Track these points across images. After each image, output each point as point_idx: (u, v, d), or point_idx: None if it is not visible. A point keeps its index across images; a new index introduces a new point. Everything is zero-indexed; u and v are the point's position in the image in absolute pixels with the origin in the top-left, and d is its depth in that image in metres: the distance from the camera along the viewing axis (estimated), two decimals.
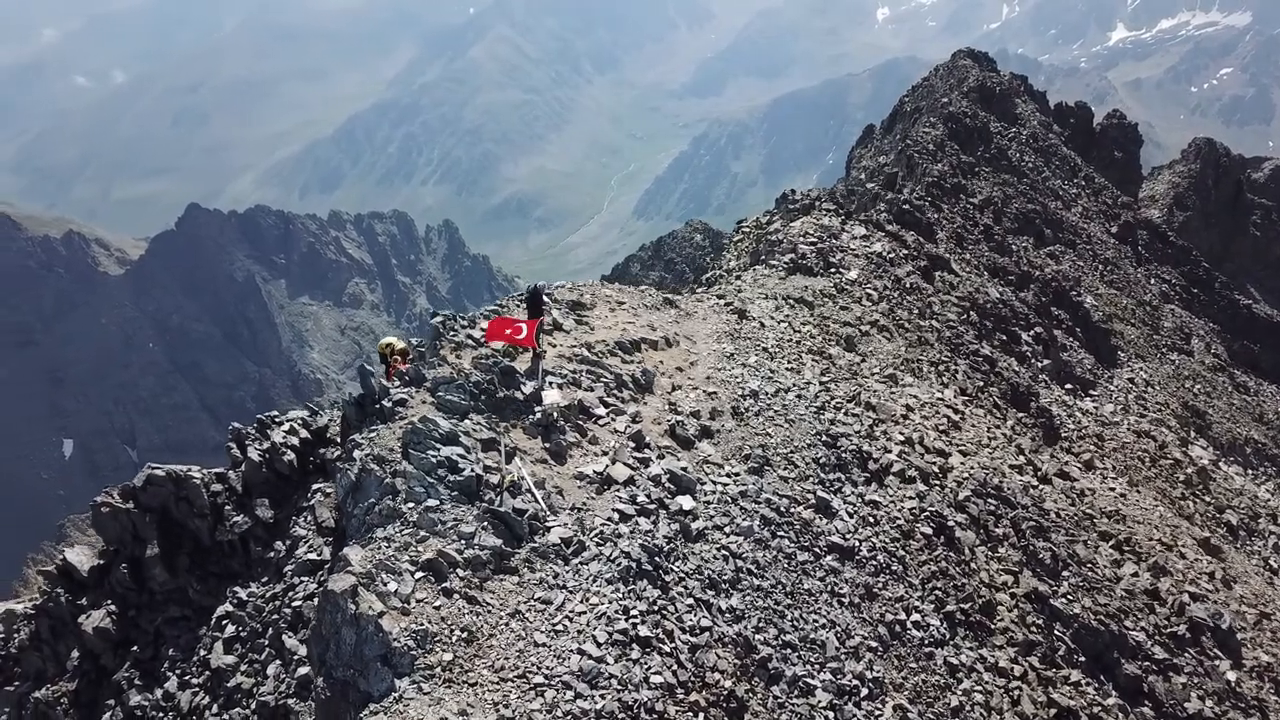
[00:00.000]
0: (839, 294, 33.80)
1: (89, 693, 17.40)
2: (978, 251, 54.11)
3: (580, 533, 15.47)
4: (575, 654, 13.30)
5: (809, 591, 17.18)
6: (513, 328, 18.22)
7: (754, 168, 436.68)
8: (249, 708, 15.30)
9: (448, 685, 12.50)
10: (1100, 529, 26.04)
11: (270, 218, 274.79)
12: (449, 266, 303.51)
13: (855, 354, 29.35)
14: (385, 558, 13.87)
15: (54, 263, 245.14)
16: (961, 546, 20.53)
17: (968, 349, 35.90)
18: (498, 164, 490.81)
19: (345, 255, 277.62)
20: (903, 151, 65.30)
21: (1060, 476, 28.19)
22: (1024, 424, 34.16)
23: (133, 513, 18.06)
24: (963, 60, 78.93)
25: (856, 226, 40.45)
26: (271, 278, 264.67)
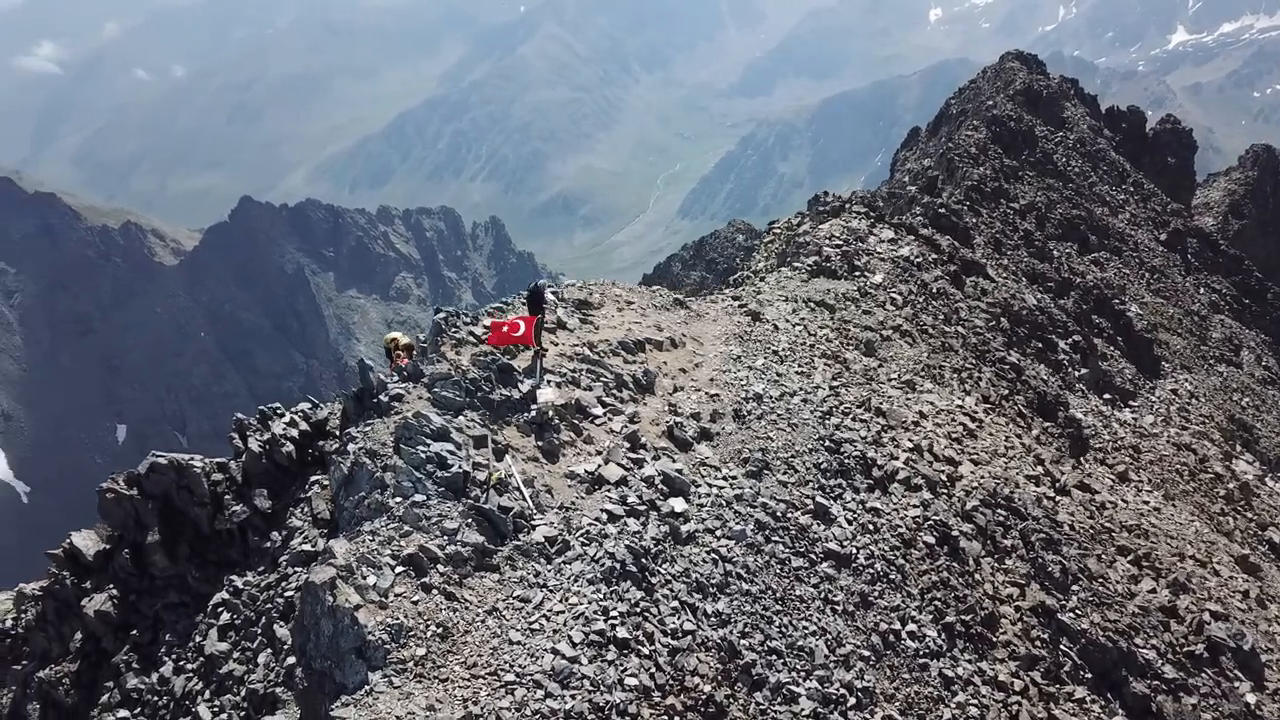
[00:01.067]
0: (862, 298, 33.43)
1: (89, 674, 17.81)
2: (1016, 257, 53.23)
3: (566, 532, 15.47)
4: (549, 653, 13.30)
5: (801, 598, 17.00)
6: (510, 325, 18.29)
7: (801, 169, 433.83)
8: (239, 695, 15.55)
9: (419, 680, 12.58)
10: (1118, 543, 25.47)
11: (320, 211, 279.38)
12: (495, 263, 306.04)
13: (874, 359, 29.02)
14: (367, 551, 14.00)
15: (112, 252, 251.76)
16: (966, 557, 20.19)
17: (994, 356, 35.30)
18: (545, 162, 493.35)
19: (393, 250, 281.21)
20: (943, 155, 64.44)
21: (1080, 488, 27.60)
22: (1050, 434, 33.50)
23: (136, 499, 18.45)
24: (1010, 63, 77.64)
25: (885, 230, 39.97)
26: (320, 270, 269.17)
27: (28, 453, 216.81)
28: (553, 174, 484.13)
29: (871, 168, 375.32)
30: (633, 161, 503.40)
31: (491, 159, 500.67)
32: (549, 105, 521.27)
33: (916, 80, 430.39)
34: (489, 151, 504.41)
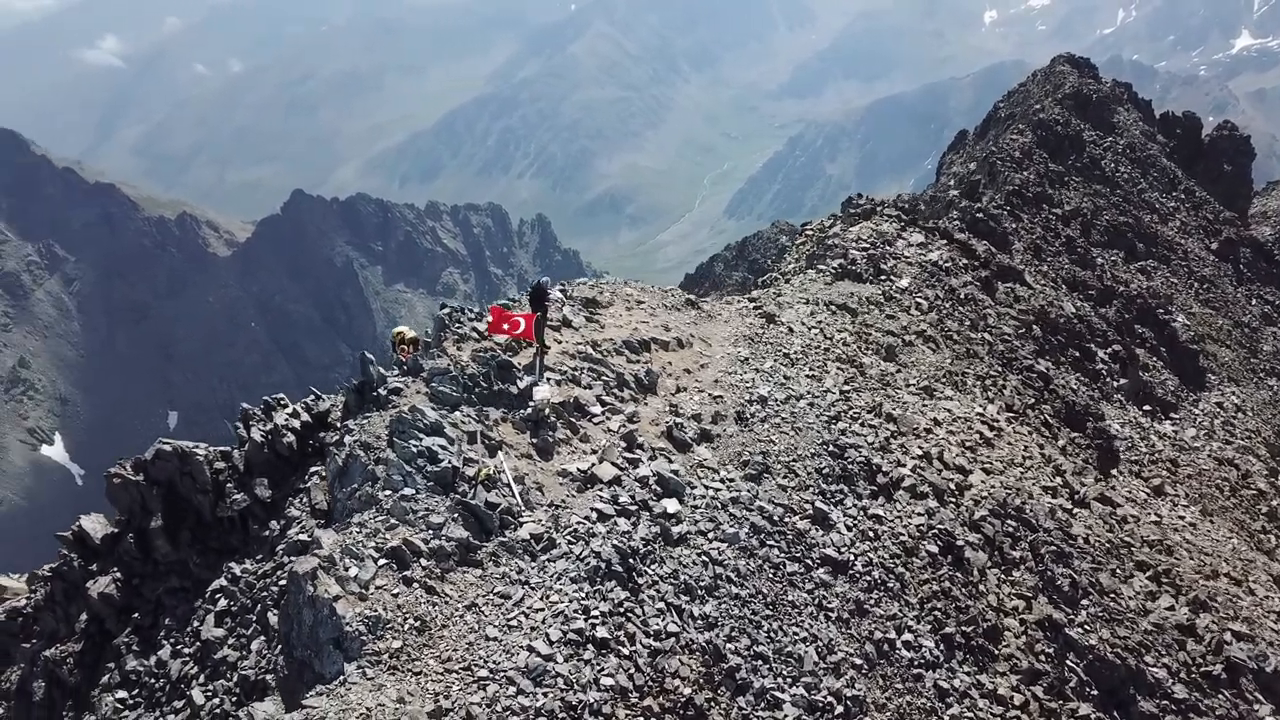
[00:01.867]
0: (887, 302, 33.04)
1: (93, 654, 18.23)
2: (1057, 264, 52.28)
3: (553, 530, 15.48)
4: (524, 650, 13.32)
5: (793, 604, 16.83)
6: (511, 321, 18.34)
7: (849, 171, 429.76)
8: (231, 680, 15.76)
9: (392, 672, 12.66)
10: (1137, 558, 24.88)
11: (370, 206, 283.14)
12: (540, 260, 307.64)
13: (893, 364, 28.66)
14: (352, 543, 14.13)
15: (168, 242, 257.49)
16: (970, 568, 19.84)
17: (1022, 364, 34.67)
18: (592, 160, 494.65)
19: (441, 245, 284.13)
20: (986, 159, 63.50)
21: (1101, 501, 27.00)
22: (1077, 445, 32.82)
23: (141, 485, 18.83)
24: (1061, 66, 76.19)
25: (915, 234, 39.46)
26: (369, 264, 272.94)
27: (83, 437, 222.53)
28: (600, 172, 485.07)
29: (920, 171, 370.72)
30: (680, 161, 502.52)
31: (540, 156, 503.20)
32: (598, 103, 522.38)
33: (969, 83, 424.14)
34: (537, 149, 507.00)
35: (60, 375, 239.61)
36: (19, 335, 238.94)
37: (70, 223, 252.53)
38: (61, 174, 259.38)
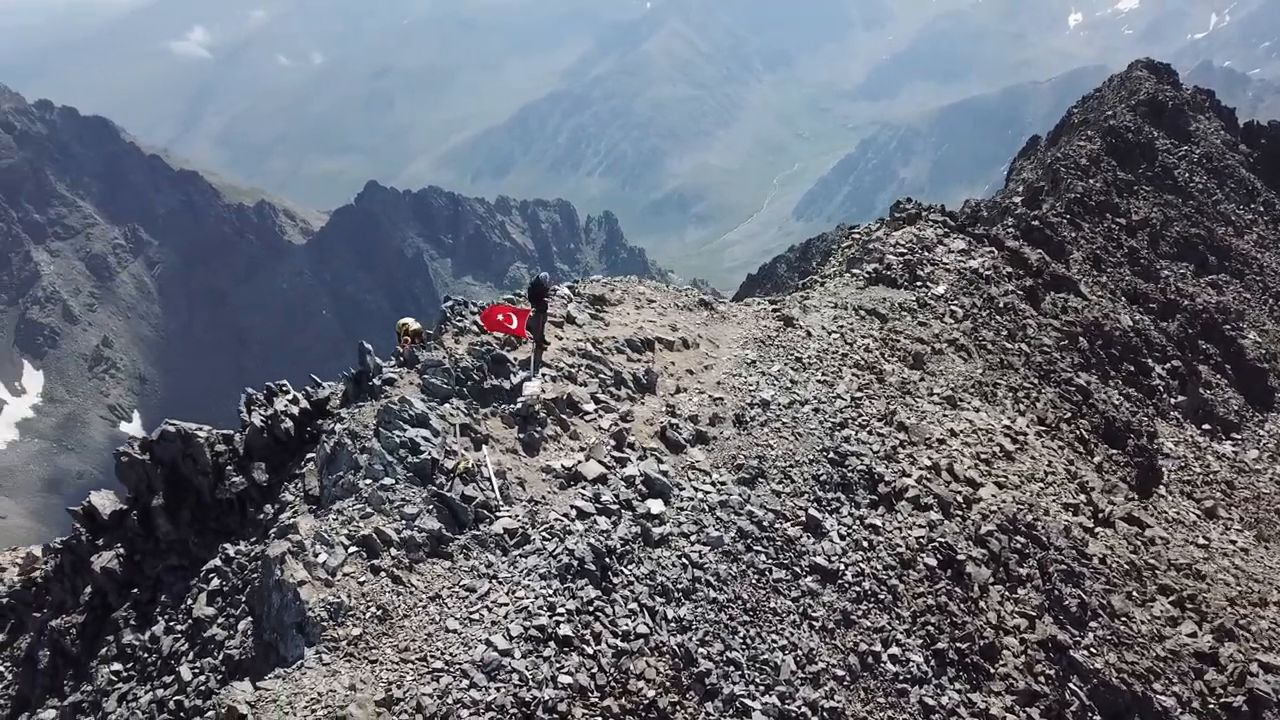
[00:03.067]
0: (920, 309, 32.42)
1: (95, 627, 18.86)
2: (1117, 275, 50.81)
3: (529, 526, 15.52)
4: (482, 644, 13.37)
5: (775, 611, 16.61)
6: (505, 315, 18.43)
7: (921, 175, 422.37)
8: (218, 658, 16.17)
9: (348, 659, 12.83)
10: (1161, 582, 24.00)
11: (441, 199, 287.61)
12: (606, 257, 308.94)
13: (919, 372, 28.12)
14: (326, 529, 14.35)
15: (246, 229, 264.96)
16: (971, 583, 19.36)
17: (1060, 376, 33.72)
18: (662, 158, 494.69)
19: (509, 239, 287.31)
20: (1050, 165, 62.01)
21: (1128, 521, 26.11)
22: (1115, 462, 31.82)
23: (147, 464, 19.44)
24: (1138, 71, 73.86)
25: (957, 241, 38.66)
26: (439, 256, 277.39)
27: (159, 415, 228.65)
28: (669, 170, 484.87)
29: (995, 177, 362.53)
30: (750, 160, 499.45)
31: (610, 154, 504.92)
32: (669, 102, 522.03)
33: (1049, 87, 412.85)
34: (608, 146, 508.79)
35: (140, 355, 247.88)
36: (104, 315, 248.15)
37: (155, 208, 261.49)
38: (148, 161, 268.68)
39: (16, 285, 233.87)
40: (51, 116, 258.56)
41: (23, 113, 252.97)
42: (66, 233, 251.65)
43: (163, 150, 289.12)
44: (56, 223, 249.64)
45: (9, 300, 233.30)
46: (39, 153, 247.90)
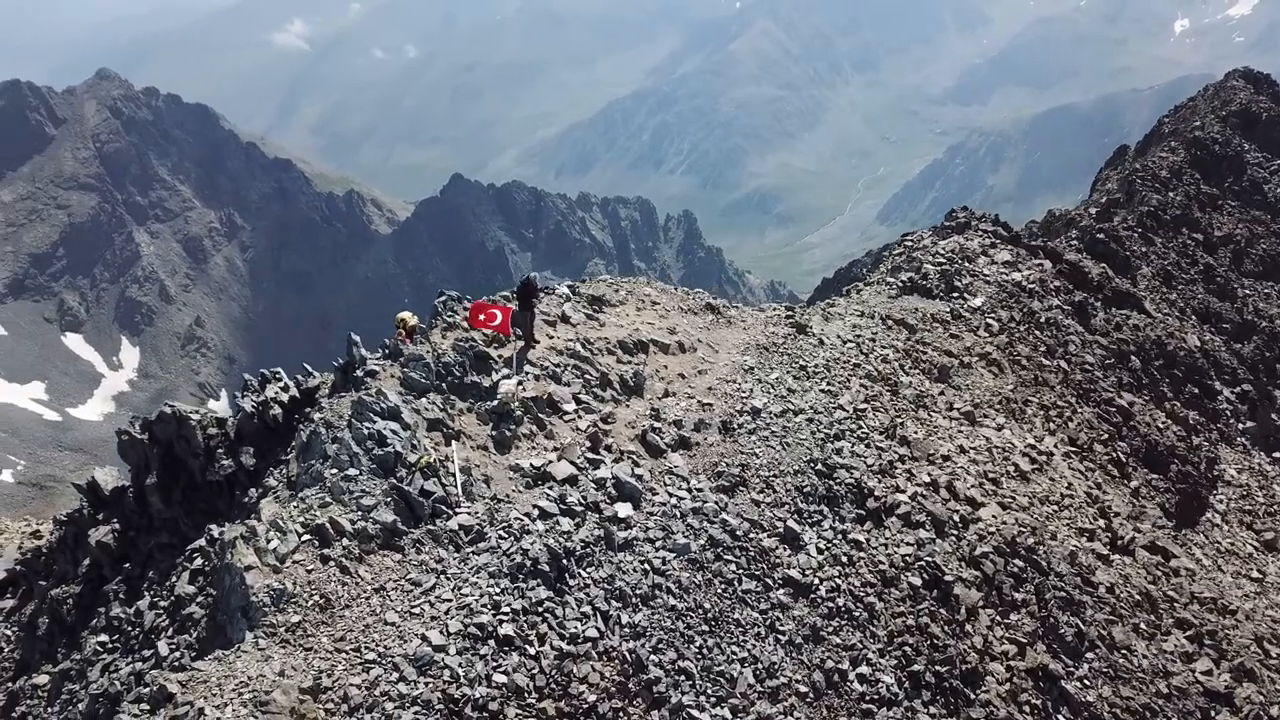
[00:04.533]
0: (953, 320, 31.59)
1: (89, 598, 19.60)
2: (1188, 293, 48.92)
3: (487, 524, 15.56)
4: (418, 638, 13.46)
5: (739, 622, 16.35)
6: (487, 313, 18.52)
7: (1010, 182, 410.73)
8: (193, 636, 16.62)
9: (284, 645, 13.04)
10: (1179, 615, 22.93)
11: (524, 193, 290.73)
12: (683, 256, 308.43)
13: (941, 385, 27.41)
14: (284, 516, 14.62)
15: (334, 217, 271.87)
16: (958, 605, 18.76)
17: (1100, 396, 32.45)
18: (744, 158, 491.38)
19: (589, 236, 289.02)
20: (1127, 176, 59.93)
21: (1150, 550, 25.00)
22: (1153, 487, 30.50)
23: (145, 444, 20.11)
24: (1234, 81, 70.73)
25: (1002, 252, 37.51)
26: (519, 250, 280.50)
27: None
28: (751, 171, 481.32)
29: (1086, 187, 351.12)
30: (834, 163, 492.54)
31: (693, 153, 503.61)
32: (754, 102, 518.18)
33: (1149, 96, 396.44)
34: (690, 145, 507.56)
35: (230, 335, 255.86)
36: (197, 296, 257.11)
37: (249, 194, 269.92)
38: (245, 148, 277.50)
39: (118, 264, 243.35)
40: (157, 103, 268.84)
41: (130, 99, 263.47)
42: (166, 215, 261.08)
43: (259, 138, 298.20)
44: (157, 205, 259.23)
45: (111, 279, 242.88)
46: (144, 138, 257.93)
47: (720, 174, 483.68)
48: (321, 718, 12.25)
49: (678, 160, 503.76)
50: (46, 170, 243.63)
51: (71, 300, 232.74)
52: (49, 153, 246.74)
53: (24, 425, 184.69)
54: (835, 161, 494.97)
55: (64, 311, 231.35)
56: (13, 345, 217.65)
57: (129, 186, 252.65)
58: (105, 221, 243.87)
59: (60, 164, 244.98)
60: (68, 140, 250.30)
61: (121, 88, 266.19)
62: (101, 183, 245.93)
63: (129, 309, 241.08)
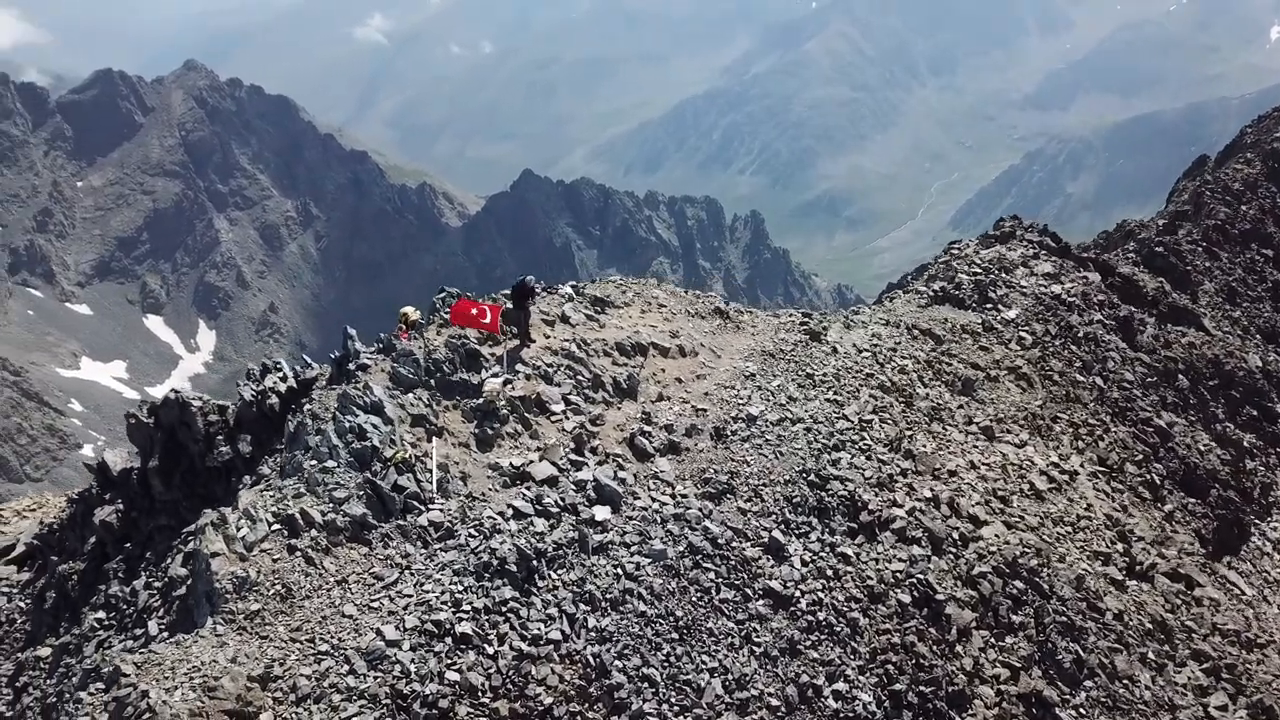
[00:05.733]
0: (984, 332, 30.80)
1: (92, 575, 20.21)
2: (1254, 311, 47.12)
3: (459, 522, 15.62)
4: (373, 632, 13.56)
5: (712, 631, 16.14)
6: (479, 310, 18.59)
7: (1089, 191, 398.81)
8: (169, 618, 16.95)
9: (240, 633, 13.26)
10: (1198, 647, 22.01)
11: (593, 190, 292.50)
12: (749, 257, 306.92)
13: (969, 398, 26.77)
14: (254, 505, 14.87)
15: (406, 209, 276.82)
16: (949, 625, 18.26)
17: (1137, 415, 31.30)
18: (815, 160, 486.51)
19: (655, 234, 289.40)
20: (1196, 188, 57.92)
21: (1172, 577, 24.03)
22: (1190, 512, 29.36)
23: (150, 428, 20.66)
24: None
25: (1044, 263, 36.44)
26: (586, 247, 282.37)
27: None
28: (821, 172, 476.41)
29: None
30: (906, 167, 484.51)
31: (763, 153, 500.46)
32: (827, 103, 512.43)
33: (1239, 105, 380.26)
34: (761, 145, 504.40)
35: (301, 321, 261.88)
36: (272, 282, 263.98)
37: (325, 184, 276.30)
38: (323, 140, 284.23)
39: (198, 249, 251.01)
40: (240, 94, 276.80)
41: (215, 90, 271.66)
42: (245, 203, 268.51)
43: (337, 130, 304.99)
44: (237, 193, 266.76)
45: (191, 263, 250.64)
46: (226, 127, 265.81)
47: (790, 175, 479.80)
48: (268, 706, 12.45)
49: (748, 160, 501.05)
50: (134, 157, 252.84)
51: (153, 283, 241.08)
52: (137, 140, 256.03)
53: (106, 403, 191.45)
54: (908, 165, 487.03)
55: (146, 294, 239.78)
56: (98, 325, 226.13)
57: (211, 174, 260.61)
58: (187, 208, 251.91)
59: (147, 151, 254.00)
60: (155, 128, 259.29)
61: (207, 78, 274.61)
62: (185, 170, 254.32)
63: (207, 293, 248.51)
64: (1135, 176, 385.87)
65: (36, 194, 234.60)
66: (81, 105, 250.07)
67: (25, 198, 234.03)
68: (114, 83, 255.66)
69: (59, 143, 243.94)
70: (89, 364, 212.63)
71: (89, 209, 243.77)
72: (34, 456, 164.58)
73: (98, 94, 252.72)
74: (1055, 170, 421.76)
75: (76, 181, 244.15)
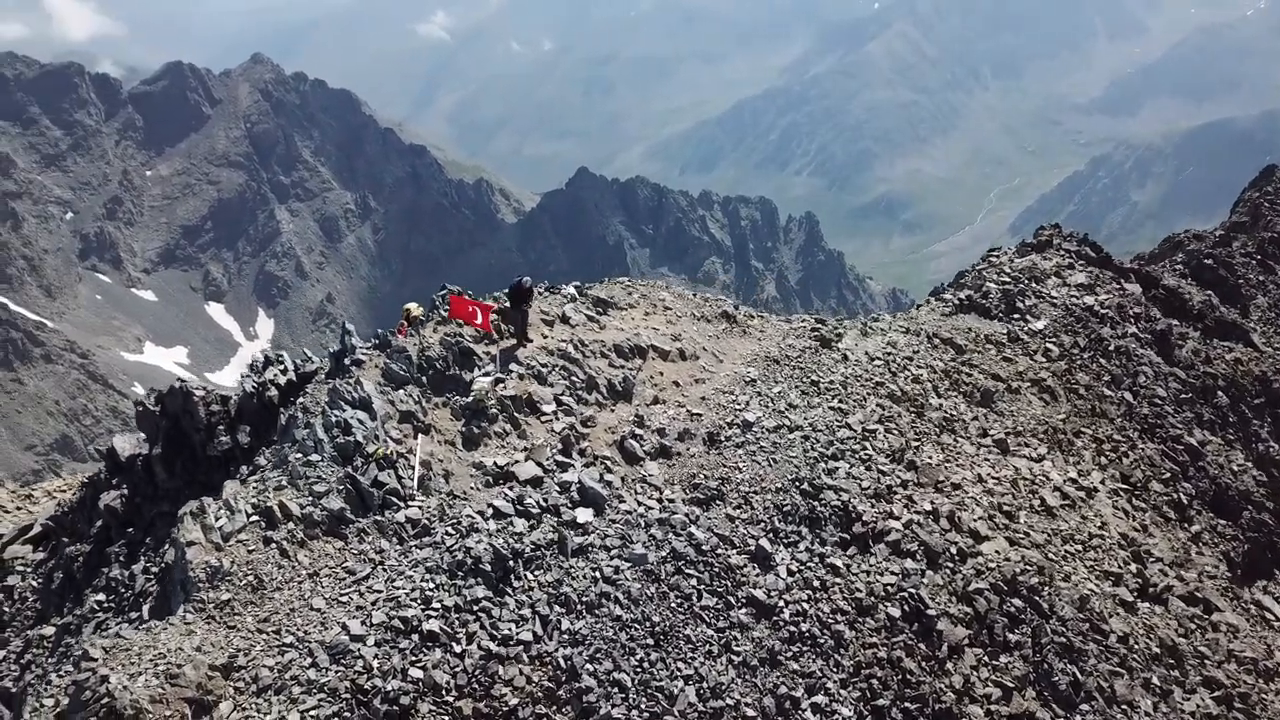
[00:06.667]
0: (1009, 343, 30.13)
1: (96, 558, 20.71)
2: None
3: (437, 520, 15.68)
4: (338, 626, 13.67)
5: (689, 639, 16.00)
6: (473, 308, 18.66)
7: (1156, 199, 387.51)
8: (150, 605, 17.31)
9: (209, 622, 13.47)
10: (1211, 674, 21.27)
11: (647, 189, 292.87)
12: (803, 258, 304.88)
13: (987, 410, 26.23)
14: (235, 495, 15.10)
15: (463, 204, 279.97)
16: (939, 641, 17.88)
17: (1168, 433, 30.34)
18: (873, 162, 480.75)
19: (708, 234, 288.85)
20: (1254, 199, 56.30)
21: (1188, 601, 23.26)
22: (1219, 534, 28.38)
23: (156, 415, 21.11)
24: None
25: (1078, 274, 35.52)
26: (638, 245, 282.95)
27: None
28: (879, 175, 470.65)
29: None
30: (967, 171, 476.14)
31: (820, 154, 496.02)
32: (887, 105, 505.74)
33: None
34: (818, 147, 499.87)
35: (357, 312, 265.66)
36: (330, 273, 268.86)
37: (384, 178, 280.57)
38: (383, 134, 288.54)
39: (260, 239, 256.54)
40: (304, 88, 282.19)
41: (281, 83, 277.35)
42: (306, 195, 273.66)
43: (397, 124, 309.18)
44: (298, 185, 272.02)
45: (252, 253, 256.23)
46: (290, 120, 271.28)
47: (847, 177, 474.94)
48: (229, 695, 12.64)
49: (804, 162, 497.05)
50: (201, 148, 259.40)
51: (216, 271, 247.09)
52: (204, 131, 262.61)
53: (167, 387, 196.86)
54: (968, 169, 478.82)
55: (208, 282, 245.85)
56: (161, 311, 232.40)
57: (274, 166, 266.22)
58: (250, 198, 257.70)
59: (214, 142, 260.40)
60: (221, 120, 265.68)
61: (273, 72, 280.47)
62: (249, 161, 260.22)
63: (267, 282, 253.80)
64: (1204, 186, 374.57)
65: (107, 182, 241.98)
66: (152, 96, 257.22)
67: (97, 185, 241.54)
68: (183, 75, 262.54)
69: (130, 133, 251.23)
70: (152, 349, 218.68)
71: (156, 197, 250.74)
72: (97, 437, 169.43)
73: (168, 85, 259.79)
74: (1121, 177, 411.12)
75: (145, 170, 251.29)
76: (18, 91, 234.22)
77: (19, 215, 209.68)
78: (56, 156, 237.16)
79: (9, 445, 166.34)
